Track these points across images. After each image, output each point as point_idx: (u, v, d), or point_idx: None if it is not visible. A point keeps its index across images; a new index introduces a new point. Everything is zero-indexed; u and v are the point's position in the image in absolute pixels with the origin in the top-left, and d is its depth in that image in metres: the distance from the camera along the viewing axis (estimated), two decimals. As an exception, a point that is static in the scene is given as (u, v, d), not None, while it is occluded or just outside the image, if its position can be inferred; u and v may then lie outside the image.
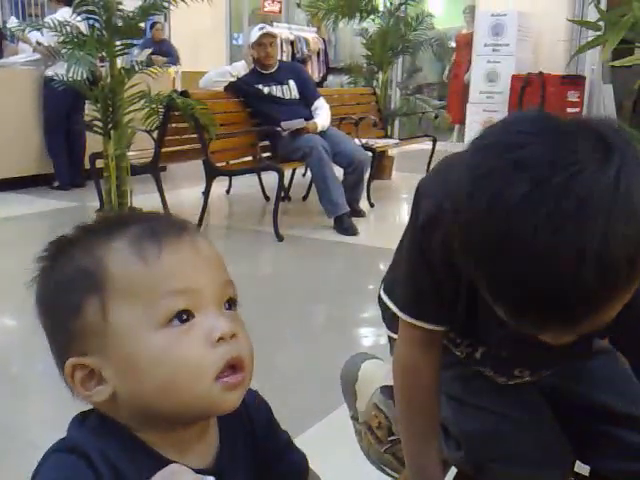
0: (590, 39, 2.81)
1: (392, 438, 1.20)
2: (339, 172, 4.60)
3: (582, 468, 1.07)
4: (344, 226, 4.30)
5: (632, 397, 1.05)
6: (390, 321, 1.21)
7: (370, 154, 5.06)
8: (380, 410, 1.21)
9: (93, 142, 4.89)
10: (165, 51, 8.22)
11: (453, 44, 9.43)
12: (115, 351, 0.61)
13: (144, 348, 0.60)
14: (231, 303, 0.67)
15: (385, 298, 0.99)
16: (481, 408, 1.02)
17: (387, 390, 1.20)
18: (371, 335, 2.82)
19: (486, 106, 7.87)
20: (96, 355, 0.62)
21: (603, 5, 5.43)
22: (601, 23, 2.70)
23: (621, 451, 1.01)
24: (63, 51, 4.16)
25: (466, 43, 8.79)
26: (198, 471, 0.58)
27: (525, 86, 7.48)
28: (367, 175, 4.90)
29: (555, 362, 0.97)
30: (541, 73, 7.49)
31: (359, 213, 4.73)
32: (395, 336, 1.18)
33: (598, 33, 2.71)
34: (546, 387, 1.06)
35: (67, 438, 0.63)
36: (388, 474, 1.22)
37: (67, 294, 0.62)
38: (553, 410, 1.04)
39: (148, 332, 0.60)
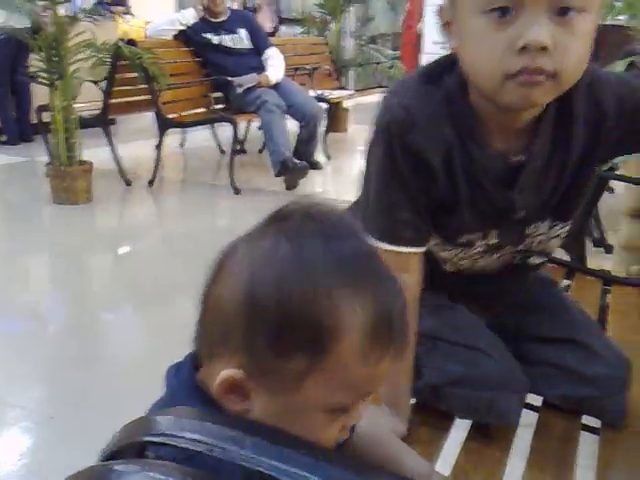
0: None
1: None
2: (294, 125, 4.56)
3: (535, 399, 1.10)
4: (285, 178, 4.19)
5: (572, 325, 1.09)
6: None
7: (325, 106, 5.01)
8: None
9: (40, 95, 4.72)
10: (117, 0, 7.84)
11: (406, -7, 9.30)
12: (278, 404, 0.58)
13: None
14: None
15: None
16: (439, 339, 1.04)
17: None
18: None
19: (440, 56, 7.80)
20: (261, 387, 0.58)
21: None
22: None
23: (565, 378, 1.05)
24: (1, -2, 3.97)
25: (419, -8, 8.68)
26: None
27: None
28: (322, 128, 4.86)
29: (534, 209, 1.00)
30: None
31: (315, 165, 4.71)
32: None
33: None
34: (496, 322, 1.09)
35: None
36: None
37: (287, 329, 0.55)
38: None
39: None
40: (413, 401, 1.04)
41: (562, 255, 1.80)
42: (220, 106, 4.60)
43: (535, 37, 0.77)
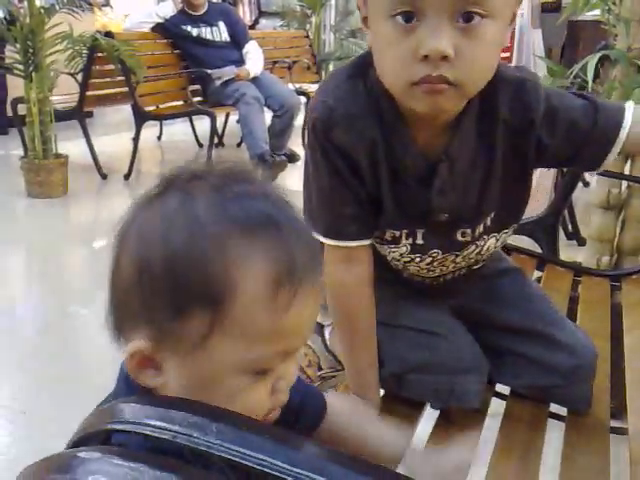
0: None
1: (320, 373, 1.23)
2: (267, 117, 4.54)
3: (503, 387, 1.12)
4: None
5: (535, 315, 1.10)
6: None
7: (304, 99, 5.00)
8: (308, 346, 1.23)
9: (15, 87, 4.66)
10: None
11: (386, -13, 9.29)
12: (191, 370, 0.57)
13: None
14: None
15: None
16: (398, 326, 1.05)
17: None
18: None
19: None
20: (169, 353, 0.57)
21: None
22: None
23: (530, 368, 1.06)
24: (-25, -12, 3.91)
25: (399, -14, 8.66)
26: None
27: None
28: (298, 120, 4.84)
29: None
30: (473, 18, 7.49)
31: (294, 158, 4.70)
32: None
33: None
34: (460, 311, 1.10)
35: None
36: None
37: (178, 286, 0.55)
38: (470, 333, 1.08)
39: None
40: (382, 392, 1.05)
41: (533, 247, 1.83)
42: (198, 99, 4.57)
43: (435, 46, 0.76)
